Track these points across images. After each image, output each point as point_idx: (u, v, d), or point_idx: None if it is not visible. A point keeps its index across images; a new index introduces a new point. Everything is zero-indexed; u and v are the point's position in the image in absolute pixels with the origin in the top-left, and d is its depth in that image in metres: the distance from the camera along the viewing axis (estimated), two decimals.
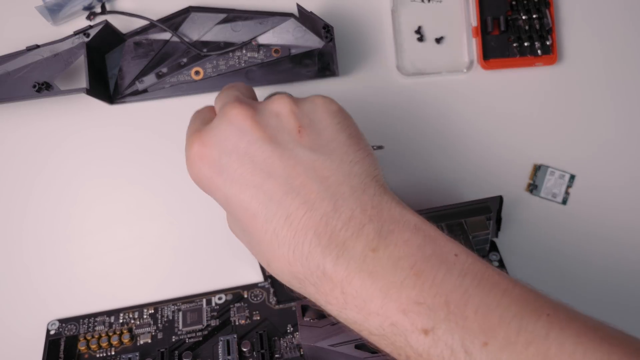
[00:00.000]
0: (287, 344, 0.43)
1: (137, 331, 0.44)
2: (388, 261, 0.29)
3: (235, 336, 0.43)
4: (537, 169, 0.50)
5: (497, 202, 0.44)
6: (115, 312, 0.45)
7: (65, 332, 0.44)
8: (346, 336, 0.39)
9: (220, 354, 0.42)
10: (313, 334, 0.39)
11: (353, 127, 0.34)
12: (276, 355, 0.42)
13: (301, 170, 0.31)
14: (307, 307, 0.42)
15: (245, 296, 0.45)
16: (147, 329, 0.44)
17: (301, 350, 0.42)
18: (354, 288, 0.29)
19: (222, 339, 0.43)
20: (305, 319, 0.42)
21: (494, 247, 0.47)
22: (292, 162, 0.31)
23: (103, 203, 0.49)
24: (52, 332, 0.45)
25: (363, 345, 0.39)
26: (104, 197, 0.49)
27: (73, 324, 0.45)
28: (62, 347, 0.43)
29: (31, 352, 0.44)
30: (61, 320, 0.45)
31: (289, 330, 0.44)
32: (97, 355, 0.43)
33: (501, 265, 0.46)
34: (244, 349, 0.42)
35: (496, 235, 0.47)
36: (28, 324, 0.46)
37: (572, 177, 0.50)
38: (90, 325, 0.45)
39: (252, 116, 0.33)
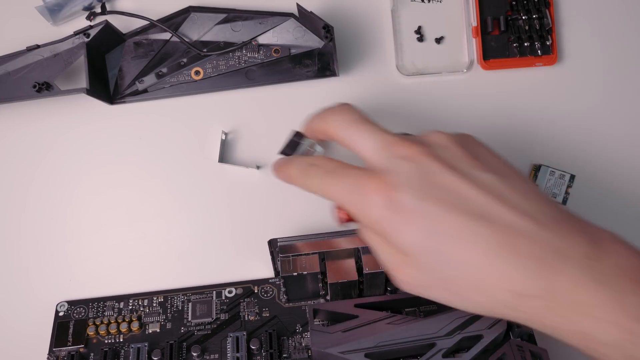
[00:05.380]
0: (295, 344, 0.43)
1: (146, 319, 0.44)
2: (615, 270, 0.29)
3: (244, 333, 0.43)
4: (537, 169, 0.50)
5: None
6: (124, 298, 0.45)
7: (74, 314, 0.45)
8: (357, 344, 0.39)
9: (229, 350, 0.42)
10: (324, 340, 0.39)
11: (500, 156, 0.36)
12: (284, 355, 0.42)
13: (490, 191, 0.32)
14: (318, 311, 0.42)
15: (256, 291, 0.45)
16: (156, 318, 0.44)
17: (309, 352, 0.42)
18: (584, 296, 0.29)
19: (231, 335, 0.43)
20: (316, 323, 0.42)
21: None
22: (480, 185, 0.32)
23: (112, 198, 0.49)
24: (60, 314, 0.45)
25: (373, 354, 0.39)
26: (112, 193, 0.49)
27: (82, 306, 0.45)
28: (70, 330, 0.44)
29: (40, 333, 0.44)
30: (70, 302, 0.45)
31: (297, 330, 0.43)
32: (106, 341, 0.43)
33: None
34: (253, 347, 0.42)
35: None
36: (37, 305, 0.46)
37: (572, 177, 0.50)
38: (99, 309, 0.45)
39: (427, 151, 0.34)
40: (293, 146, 0.44)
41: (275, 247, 0.43)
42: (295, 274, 0.42)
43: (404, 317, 0.41)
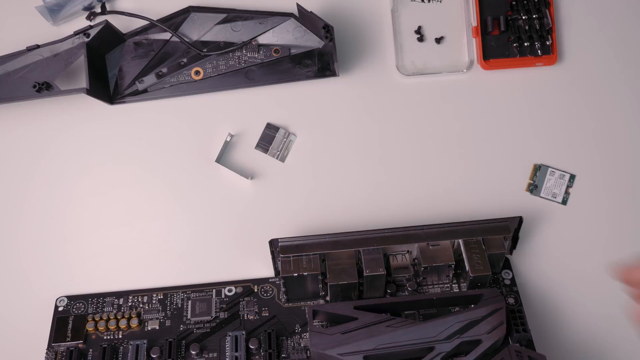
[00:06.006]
0: (294, 344, 0.43)
1: (145, 316, 0.44)
2: None
3: (243, 333, 0.43)
4: (537, 169, 0.50)
5: (516, 223, 0.44)
6: (124, 294, 0.45)
7: (74, 309, 0.45)
8: (356, 346, 0.39)
9: (227, 349, 0.42)
10: (323, 341, 0.40)
11: None
12: (283, 355, 0.42)
13: None
14: (318, 312, 0.42)
15: (256, 290, 0.45)
16: (156, 315, 0.44)
17: (308, 352, 0.42)
18: None
19: (230, 334, 0.43)
20: (315, 324, 0.42)
21: (506, 264, 0.46)
22: None
23: (113, 197, 0.49)
24: (60, 309, 0.45)
25: (371, 356, 0.39)
26: (113, 192, 0.49)
27: (81, 302, 0.45)
28: (70, 326, 0.44)
29: (39, 327, 0.44)
30: (70, 297, 0.45)
31: (296, 330, 0.43)
32: (105, 337, 0.43)
33: (512, 284, 0.45)
34: (252, 347, 0.42)
35: (510, 253, 0.47)
36: (37, 300, 0.46)
37: (572, 177, 0.50)
38: (99, 305, 0.45)
39: None
40: (268, 139, 0.47)
41: (276, 247, 0.43)
42: (296, 274, 0.42)
43: (404, 320, 0.41)
